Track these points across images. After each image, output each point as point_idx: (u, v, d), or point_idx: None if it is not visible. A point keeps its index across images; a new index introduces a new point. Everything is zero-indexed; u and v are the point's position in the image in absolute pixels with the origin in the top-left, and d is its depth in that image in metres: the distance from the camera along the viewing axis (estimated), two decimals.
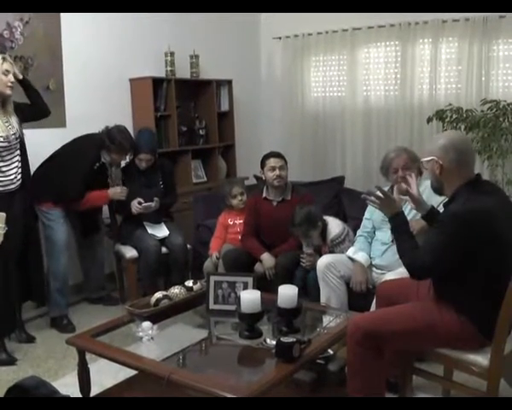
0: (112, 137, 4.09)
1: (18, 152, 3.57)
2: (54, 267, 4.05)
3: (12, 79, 3.48)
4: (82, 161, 4.07)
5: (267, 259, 3.88)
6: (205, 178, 5.69)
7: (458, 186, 2.42)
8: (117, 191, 4.22)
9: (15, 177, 3.54)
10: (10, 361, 3.50)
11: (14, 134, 3.52)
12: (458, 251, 2.30)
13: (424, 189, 3.04)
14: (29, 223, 3.74)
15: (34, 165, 3.89)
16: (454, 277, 2.35)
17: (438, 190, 2.56)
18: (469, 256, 2.30)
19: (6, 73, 3.44)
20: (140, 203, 4.24)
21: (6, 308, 3.56)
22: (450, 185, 2.46)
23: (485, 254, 2.30)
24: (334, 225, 3.84)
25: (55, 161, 4.06)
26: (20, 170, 3.58)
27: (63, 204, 4.06)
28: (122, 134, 4.14)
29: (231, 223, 4.30)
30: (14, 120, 3.55)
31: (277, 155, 4.06)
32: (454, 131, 4.01)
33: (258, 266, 3.90)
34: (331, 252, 3.75)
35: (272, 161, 4.00)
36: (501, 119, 4.45)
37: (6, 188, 3.49)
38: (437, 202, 2.77)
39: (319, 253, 3.78)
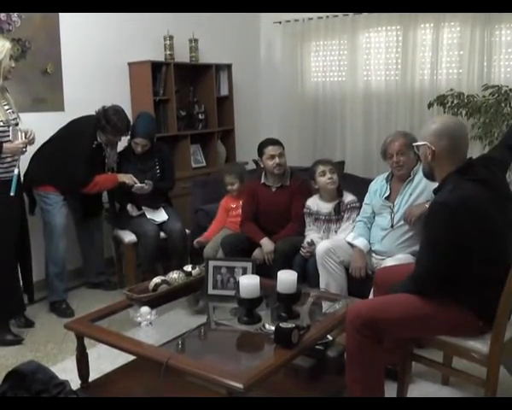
0: (108, 118, 4.05)
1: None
2: (52, 252, 4.03)
3: (13, 65, 3.45)
4: (80, 142, 4.03)
5: (266, 243, 3.86)
6: (204, 163, 5.67)
7: (449, 173, 2.40)
8: (127, 175, 4.22)
9: (11, 166, 3.42)
10: (17, 341, 3.53)
11: (14, 119, 3.44)
12: (453, 242, 2.26)
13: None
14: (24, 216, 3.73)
15: (32, 149, 3.84)
16: (452, 267, 2.33)
17: (428, 175, 2.55)
18: (465, 244, 2.27)
19: (11, 57, 3.42)
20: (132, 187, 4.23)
21: (13, 289, 3.57)
22: (441, 171, 2.44)
23: (479, 241, 2.28)
24: (350, 195, 3.85)
25: (53, 143, 4.03)
26: (16, 161, 3.46)
27: (71, 191, 4.05)
28: (118, 115, 4.09)
29: (233, 206, 4.29)
30: (13, 105, 3.48)
31: (275, 142, 4.02)
32: (448, 116, 3.88)
33: (256, 253, 3.87)
34: (339, 219, 3.77)
35: (271, 150, 3.96)
36: (503, 104, 4.43)
37: (3, 176, 3.39)
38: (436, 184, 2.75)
39: (338, 211, 3.78)
